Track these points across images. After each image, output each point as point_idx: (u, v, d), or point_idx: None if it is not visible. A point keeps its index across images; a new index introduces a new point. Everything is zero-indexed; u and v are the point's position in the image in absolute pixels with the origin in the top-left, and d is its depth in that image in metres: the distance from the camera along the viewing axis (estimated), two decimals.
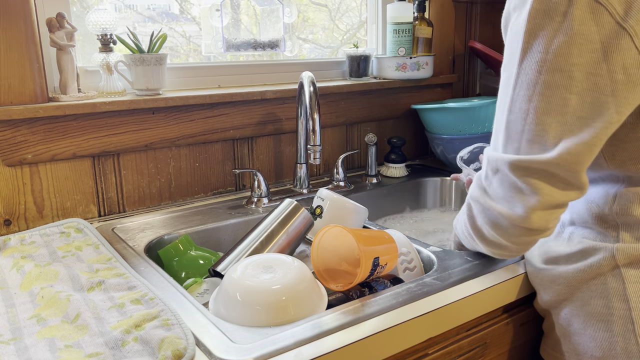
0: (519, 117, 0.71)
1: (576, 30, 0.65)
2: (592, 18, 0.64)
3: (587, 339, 0.77)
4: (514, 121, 0.72)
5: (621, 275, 0.74)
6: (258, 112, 1.32)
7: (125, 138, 1.15)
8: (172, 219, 1.14)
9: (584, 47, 0.65)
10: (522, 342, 0.94)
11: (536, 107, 0.69)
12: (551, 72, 0.67)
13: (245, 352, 0.66)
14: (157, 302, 0.76)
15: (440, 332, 0.79)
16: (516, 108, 0.71)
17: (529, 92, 0.69)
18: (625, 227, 0.75)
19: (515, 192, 0.72)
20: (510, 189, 0.73)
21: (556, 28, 0.66)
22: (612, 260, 0.75)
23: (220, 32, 1.33)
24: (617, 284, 0.75)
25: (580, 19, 0.65)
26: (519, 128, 0.71)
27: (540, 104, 0.69)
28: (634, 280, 0.74)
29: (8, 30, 0.99)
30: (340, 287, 0.84)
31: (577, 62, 0.66)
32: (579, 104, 0.67)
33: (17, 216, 1.07)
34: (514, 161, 0.71)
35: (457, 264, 0.91)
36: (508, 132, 0.73)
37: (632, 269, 0.74)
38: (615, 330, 0.74)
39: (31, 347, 0.67)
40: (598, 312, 0.76)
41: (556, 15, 0.66)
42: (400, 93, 1.58)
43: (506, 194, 0.73)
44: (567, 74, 0.66)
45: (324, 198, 1.09)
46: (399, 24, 1.49)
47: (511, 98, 0.72)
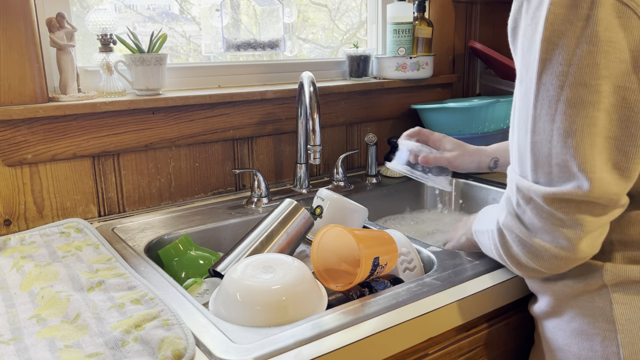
0: (543, 138, 0.64)
1: (602, 37, 0.57)
2: (619, 23, 0.57)
3: (571, 356, 0.75)
4: (539, 143, 0.64)
5: (609, 295, 0.70)
6: (258, 112, 1.32)
7: (125, 138, 1.15)
8: (172, 219, 1.14)
9: (611, 56, 0.58)
10: (521, 343, 0.94)
11: (560, 127, 0.61)
12: (575, 87, 0.60)
13: (245, 352, 0.66)
14: (157, 302, 0.76)
15: (440, 332, 0.79)
16: (539, 129, 0.64)
17: (551, 110, 0.62)
18: (618, 245, 0.71)
19: (555, 224, 0.65)
20: (549, 221, 0.66)
21: (578, 35, 0.58)
22: (599, 280, 0.71)
23: (220, 32, 1.33)
24: (604, 304, 0.71)
25: (605, 23, 0.57)
26: (546, 151, 0.64)
27: (565, 124, 0.61)
28: (621, 301, 0.70)
29: (8, 30, 0.99)
30: (340, 287, 0.84)
31: (605, 75, 0.58)
32: (607, 122, 0.60)
33: (17, 216, 1.07)
34: (549, 195, 0.64)
35: (457, 264, 0.91)
36: (535, 156, 0.66)
37: (620, 290, 0.70)
38: (599, 351, 0.71)
39: (31, 347, 0.67)
40: (583, 330, 0.73)
41: (577, 20, 0.58)
42: (400, 93, 1.58)
43: (545, 225, 0.66)
44: (593, 89, 0.59)
45: (324, 198, 1.09)
46: (399, 24, 1.49)
47: (533, 117, 0.64)
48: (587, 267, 0.72)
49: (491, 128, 1.41)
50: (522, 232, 0.69)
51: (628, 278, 0.69)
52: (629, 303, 0.69)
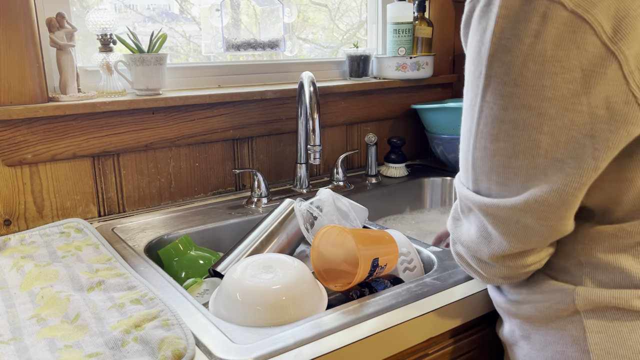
0: (484, 156, 0.61)
1: (550, 55, 0.53)
2: (571, 38, 0.52)
3: None
4: (480, 159, 0.62)
5: (581, 322, 0.63)
6: (258, 112, 1.32)
7: (125, 138, 1.15)
8: (172, 219, 1.14)
9: (559, 77, 0.53)
10: None
11: (503, 147, 0.59)
12: (518, 109, 0.56)
13: (245, 352, 0.66)
14: (157, 302, 0.76)
15: (440, 332, 0.79)
16: (481, 146, 0.61)
17: (494, 130, 0.59)
18: (590, 267, 0.64)
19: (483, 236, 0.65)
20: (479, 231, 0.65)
21: (526, 53, 0.54)
22: (571, 304, 0.64)
23: (220, 32, 1.33)
24: (577, 332, 0.64)
25: (556, 40, 0.52)
26: (486, 169, 0.62)
27: (506, 145, 0.58)
28: (595, 330, 0.62)
29: (8, 30, 0.99)
30: (340, 288, 0.84)
31: (550, 97, 0.54)
32: (552, 144, 0.56)
33: (17, 216, 1.07)
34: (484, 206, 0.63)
35: (457, 264, 0.90)
36: (475, 170, 0.64)
37: (593, 317, 0.63)
38: None
39: (31, 347, 0.67)
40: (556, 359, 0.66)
41: (526, 36, 0.53)
42: (400, 93, 1.58)
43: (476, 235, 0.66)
44: (537, 112, 0.55)
45: (323, 198, 1.08)
46: (399, 24, 1.49)
47: (475, 133, 0.62)
48: (556, 291, 0.66)
49: None
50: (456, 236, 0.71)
51: (601, 303, 0.62)
52: (604, 331, 0.62)
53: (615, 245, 0.62)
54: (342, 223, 0.97)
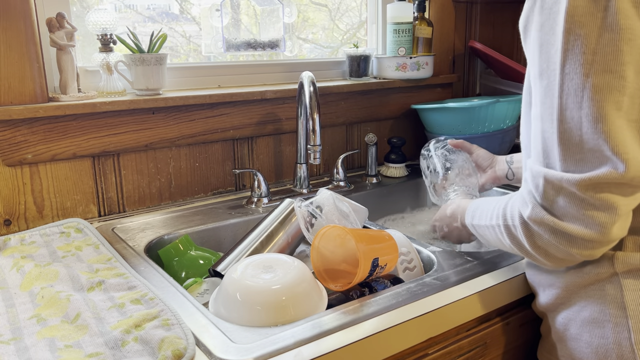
0: (572, 127, 0.65)
1: (622, 24, 0.60)
2: (636, 12, 0.61)
3: (583, 344, 0.76)
4: (568, 131, 0.66)
5: (619, 282, 0.73)
6: (258, 112, 1.32)
7: (125, 138, 1.15)
8: (172, 219, 1.14)
9: (633, 42, 0.61)
10: (521, 343, 0.94)
11: (589, 114, 0.63)
12: (600, 74, 0.62)
13: (245, 352, 0.66)
14: (157, 302, 0.76)
15: (440, 332, 0.79)
16: (567, 117, 0.65)
17: (577, 98, 0.64)
18: (629, 233, 0.72)
19: (588, 210, 0.66)
20: (582, 207, 0.67)
21: (599, 25, 0.61)
22: (610, 268, 0.73)
23: (220, 32, 1.33)
24: (615, 291, 0.73)
25: (625, 12, 0.60)
26: (576, 139, 0.65)
27: (593, 110, 0.63)
28: (632, 288, 0.72)
29: (8, 30, 0.99)
30: (339, 287, 0.84)
31: (628, 61, 0.61)
32: (630, 106, 0.63)
33: (17, 216, 1.07)
34: (584, 181, 0.65)
35: (457, 264, 0.91)
36: (565, 145, 0.66)
37: (630, 277, 0.72)
38: (611, 337, 0.73)
39: (31, 347, 0.67)
40: (595, 318, 0.75)
41: (598, 11, 0.61)
42: (400, 93, 1.58)
43: (578, 212, 0.67)
44: (618, 74, 0.62)
45: (323, 198, 1.08)
46: (399, 24, 1.49)
47: (559, 107, 0.66)
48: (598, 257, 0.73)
49: (491, 128, 1.41)
50: (553, 222, 0.69)
51: (637, 265, 0.72)
52: (639, 289, 0.72)
53: None
54: (342, 223, 0.97)
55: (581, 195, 0.66)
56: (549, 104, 0.68)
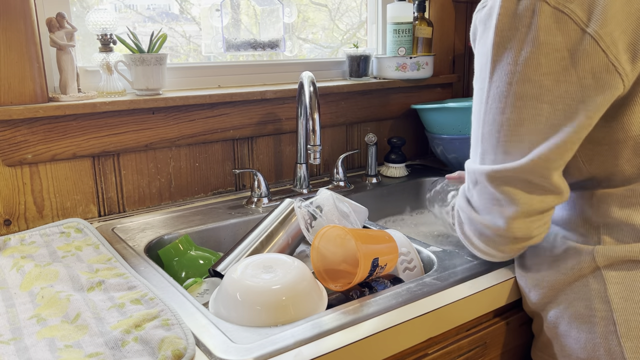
0: (493, 129, 0.73)
1: (542, 39, 0.66)
2: (557, 27, 0.66)
3: (572, 340, 0.78)
4: (488, 133, 0.73)
5: (602, 276, 0.75)
6: (258, 112, 1.32)
7: (125, 138, 1.15)
8: (172, 219, 1.14)
9: (551, 55, 0.66)
10: (522, 342, 0.94)
11: (509, 118, 0.70)
12: (521, 83, 0.68)
13: (245, 352, 0.66)
14: (157, 302, 0.76)
15: (440, 332, 0.79)
16: (489, 120, 0.73)
17: (501, 104, 0.71)
18: (605, 228, 0.76)
19: (494, 203, 0.74)
20: (489, 200, 0.75)
21: (522, 39, 0.67)
22: (592, 262, 0.75)
23: (220, 32, 1.33)
24: (599, 285, 0.75)
25: (545, 28, 0.66)
26: (494, 141, 0.73)
27: (512, 115, 0.70)
28: (614, 281, 0.74)
29: (8, 30, 0.99)
30: (339, 287, 0.84)
31: (546, 72, 0.67)
32: (551, 111, 0.68)
33: (17, 216, 1.07)
34: (490, 172, 0.73)
35: (457, 264, 0.91)
36: (484, 145, 0.74)
37: (612, 270, 0.74)
38: (597, 332, 0.74)
39: (31, 347, 0.67)
40: (581, 313, 0.76)
41: (522, 27, 0.67)
42: (400, 93, 1.58)
43: (486, 205, 0.75)
44: (537, 84, 0.68)
45: (323, 198, 1.08)
46: (399, 24, 1.49)
47: (484, 111, 0.73)
48: (578, 253, 0.77)
49: None
50: (469, 213, 0.79)
51: (619, 258, 0.74)
52: (621, 282, 0.73)
53: (626, 205, 0.74)
54: (342, 223, 0.97)
55: (489, 188, 0.73)
56: (477, 108, 0.76)
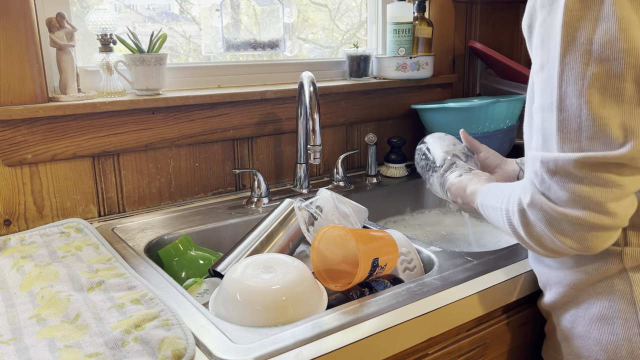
0: (572, 114, 0.66)
1: (619, 15, 0.62)
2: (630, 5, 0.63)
3: (592, 342, 0.77)
4: (567, 119, 0.66)
5: (628, 278, 0.73)
6: (258, 112, 1.32)
7: (125, 138, 1.15)
8: (172, 219, 1.14)
9: (630, 32, 0.62)
10: (522, 343, 0.94)
11: (589, 101, 0.64)
12: (599, 63, 0.63)
13: (245, 352, 0.66)
14: (157, 302, 0.76)
15: (440, 332, 0.79)
16: (567, 105, 0.66)
17: (577, 86, 0.65)
18: (633, 230, 0.73)
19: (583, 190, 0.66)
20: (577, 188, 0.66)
21: (596, 16, 0.63)
22: (619, 263, 0.74)
23: (220, 32, 1.33)
24: (624, 286, 0.74)
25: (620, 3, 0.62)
26: (575, 126, 0.66)
27: (593, 97, 0.64)
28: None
29: (8, 30, 0.99)
30: (339, 287, 0.84)
31: (626, 47, 0.62)
32: (636, 91, 0.63)
33: (17, 216, 1.07)
34: (581, 158, 0.65)
35: (457, 264, 0.91)
36: (563, 132, 0.67)
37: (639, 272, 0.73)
38: (620, 334, 0.73)
39: (31, 347, 0.67)
40: (603, 314, 0.75)
41: (594, 4, 0.63)
42: (400, 93, 1.58)
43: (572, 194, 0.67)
44: (617, 62, 0.63)
45: (323, 198, 1.08)
46: (399, 24, 1.49)
47: (558, 96, 0.67)
48: (605, 254, 0.75)
49: (491, 128, 1.41)
50: (549, 208, 0.68)
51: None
52: None
53: None
54: (342, 223, 0.97)
55: (577, 173, 0.66)
56: (548, 94, 0.69)
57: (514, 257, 0.93)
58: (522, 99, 1.44)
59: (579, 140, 0.66)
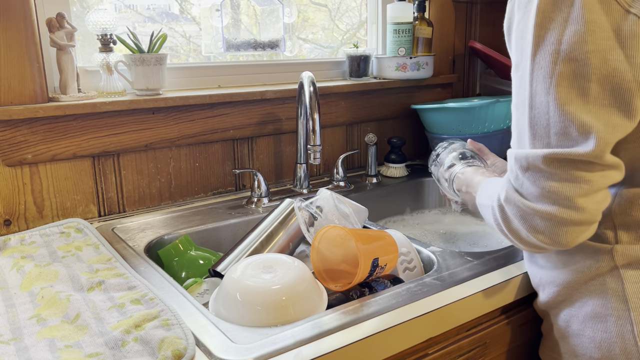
0: (541, 111, 0.68)
1: (587, 18, 0.64)
2: (600, 8, 0.64)
3: (586, 340, 0.77)
4: (537, 116, 0.69)
5: (620, 275, 0.74)
6: (258, 112, 1.32)
7: (125, 138, 1.15)
8: (172, 219, 1.14)
9: (598, 34, 0.64)
10: (521, 343, 0.94)
11: (556, 98, 0.66)
12: (567, 62, 0.65)
13: (245, 352, 0.66)
14: (157, 302, 0.76)
15: (440, 332, 0.79)
16: (536, 103, 0.69)
17: (546, 84, 0.67)
18: (623, 227, 0.75)
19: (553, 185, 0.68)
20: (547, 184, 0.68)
21: (566, 18, 0.65)
22: (610, 261, 0.75)
23: (220, 32, 1.33)
24: (616, 284, 0.74)
25: (589, 7, 0.64)
26: (544, 122, 0.68)
27: (560, 95, 0.66)
28: (633, 280, 0.73)
29: (8, 30, 0.99)
30: (339, 287, 0.84)
31: (593, 50, 0.64)
32: (600, 91, 0.65)
33: (17, 216, 1.07)
34: (548, 154, 0.67)
35: (457, 264, 0.91)
36: (533, 129, 0.70)
37: (631, 269, 0.74)
38: (614, 331, 0.74)
39: (31, 347, 0.67)
40: (597, 312, 0.76)
41: (565, 6, 0.65)
42: (400, 93, 1.58)
43: (542, 190, 0.69)
44: (583, 62, 0.65)
45: (323, 198, 1.08)
46: (399, 24, 1.49)
47: (529, 94, 0.70)
48: (596, 252, 0.76)
49: (491, 128, 1.41)
50: (521, 203, 0.71)
51: (637, 257, 0.73)
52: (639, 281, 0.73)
53: None
54: (342, 223, 0.97)
55: (547, 169, 0.68)
56: (522, 93, 0.71)
57: (513, 257, 0.93)
58: None
59: (548, 136, 0.68)
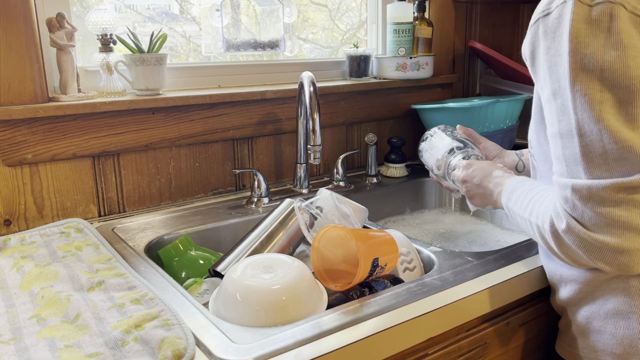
0: (593, 139, 0.67)
1: (626, 43, 0.64)
2: (636, 32, 0.64)
3: (607, 336, 0.78)
4: (590, 144, 0.67)
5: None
6: (258, 112, 1.32)
7: (125, 138, 1.15)
8: (172, 219, 1.14)
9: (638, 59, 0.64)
10: (521, 343, 0.94)
11: (607, 125, 0.66)
12: (611, 89, 0.65)
13: (245, 352, 0.66)
14: (157, 302, 0.76)
15: (440, 332, 0.79)
16: (586, 131, 0.67)
17: (594, 112, 0.66)
18: None
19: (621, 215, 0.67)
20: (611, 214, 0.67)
21: (604, 44, 0.65)
22: None
23: (220, 32, 1.33)
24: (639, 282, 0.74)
25: (627, 32, 0.64)
26: (599, 150, 0.67)
27: (611, 122, 0.66)
28: None
29: (8, 30, 0.99)
30: (339, 287, 0.84)
31: (637, 75, 0.64)
32: None
33: (17, 216, 1.07)
34: (615, 184, 0.66)
35: (457, 264, 0.91)
36: (588, 157, 0.68)
37: None
38: (636, 328, 0.75)
39: (31, 347, 0.67)
40: (619, 310, 0.76)
41: (600, 32, 0.65)
42: (400, 93, 1.58)
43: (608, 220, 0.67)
44: (628, 89, 0.65)
45: (323, 198, 1.08)
46: (399, 24, 1.49)
47: (576, 123, 0.68)
48: None
49: (491, 128, 1.41)
50: (586, 235, 0.69)
51: None
52: None
53: None
54: (342, 223, 0.97)
55: (612, 198, 0.66)
56: (566, 122, 0.70)
57: (513, 257, 0.93)
58: (522, 99, 1.44)
59: (607, 163, 0.67)
